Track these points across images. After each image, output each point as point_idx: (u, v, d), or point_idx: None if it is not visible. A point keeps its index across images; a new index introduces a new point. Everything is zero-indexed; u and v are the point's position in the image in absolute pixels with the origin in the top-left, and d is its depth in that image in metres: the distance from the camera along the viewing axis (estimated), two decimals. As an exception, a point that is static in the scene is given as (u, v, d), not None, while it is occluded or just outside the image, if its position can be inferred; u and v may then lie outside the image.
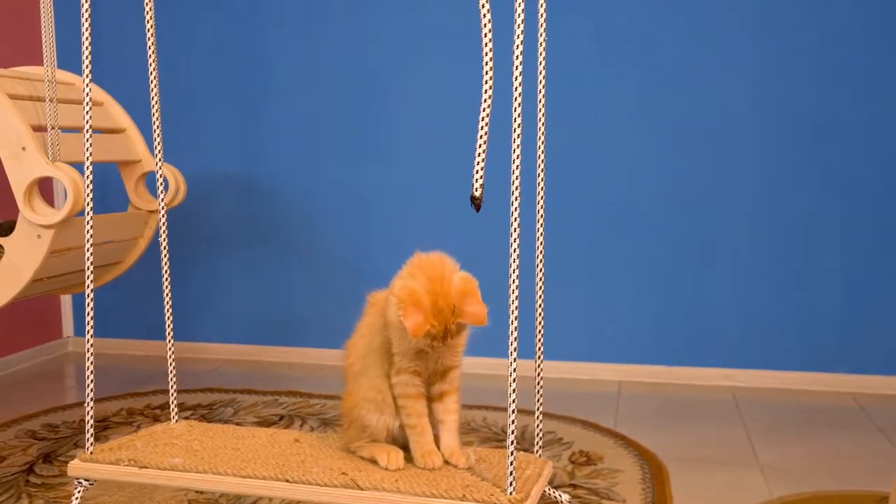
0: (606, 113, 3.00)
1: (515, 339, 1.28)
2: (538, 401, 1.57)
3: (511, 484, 1.33)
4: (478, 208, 1.27)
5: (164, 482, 1.51)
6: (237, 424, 2.10)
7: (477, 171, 1.26)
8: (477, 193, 1.26)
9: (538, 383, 1.56)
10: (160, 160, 1.77)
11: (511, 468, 1.32)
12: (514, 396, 1.30)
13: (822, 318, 2.91)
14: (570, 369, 3.07)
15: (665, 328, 3.02)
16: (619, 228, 3.04)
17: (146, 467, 1.51)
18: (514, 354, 1.29)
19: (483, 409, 2.64)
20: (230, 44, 3.31)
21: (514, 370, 1.30)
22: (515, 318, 1.28)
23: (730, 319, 2.98)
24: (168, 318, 1.78)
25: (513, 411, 1.31)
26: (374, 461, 1.47)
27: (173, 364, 1.79)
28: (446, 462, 1.46)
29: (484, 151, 1.25)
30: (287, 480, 1.42)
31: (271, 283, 3.37)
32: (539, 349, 1.56)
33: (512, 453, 1.32)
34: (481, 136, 1.25)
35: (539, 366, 1.56)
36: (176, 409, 1.80)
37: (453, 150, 3.13)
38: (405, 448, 1.48)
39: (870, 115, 2.82)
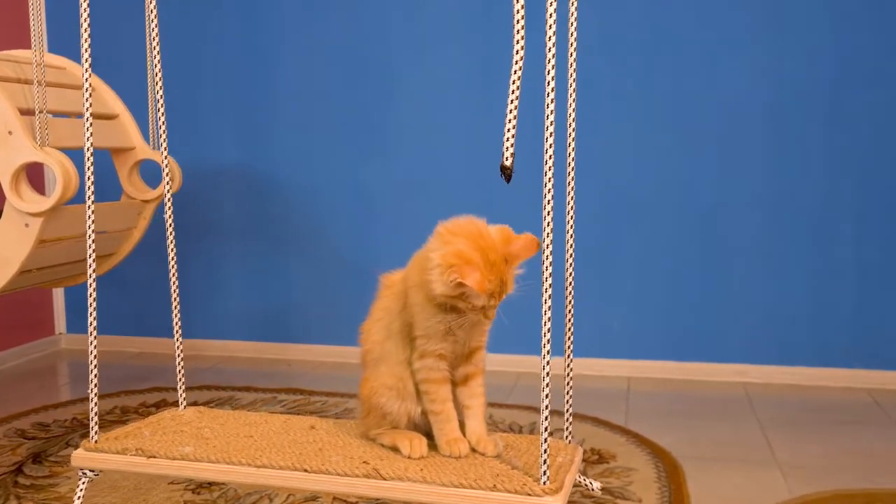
0: (610, 105, 2.92)
1: (549, 318, 1.19)
2: (568, 383, 1.53)
3: (545, 473, 1.24)
4: (508, 178, 1.18)
5: (174, 472, 1.42)
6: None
7: (508, 139, 1.17)
8: (507, 163, 1.17)
9: (568, 370, 1.53)
10: (165, 150, 1.65)
11: (545, 456, 1.24)
12: (547, 381, 1.21)
13: (836, 312, 2.83)
14: (578, 366, 2.98)
15: (674, 323, 2.94)
16: (625, 222, 2.96)
17: (154, 457, 1.43)
18: (548, 336, 1.20)
19: (489, 406, 2.56)
20: (231, 32, 3.22)
21: (548, 351, 1.21)
22: (549, 307, 1.20)
23: (742, 314, 2.90)
24: (175, 303, 1.67)
25: (546, 395, 1.22)
26: (395, 449, 1.40)
27: (180, 345, 1.70)
28: (473, 450, 1.38)
29: (515, 118, 1.16)
30: (305, 470, 1.34)
31: (270, 278, 3.29)
32: (569, 339, 1.54)
33: (545, 440, 1.23)
34: (512, 101, 1.16)
35: (569, 352, 1.53)
36: (184, 395, 1.71)
37: (459, 144, 3.06)
38: (428, 435, 1.41)
39: (883, 103, 2.74)
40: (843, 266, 2.82)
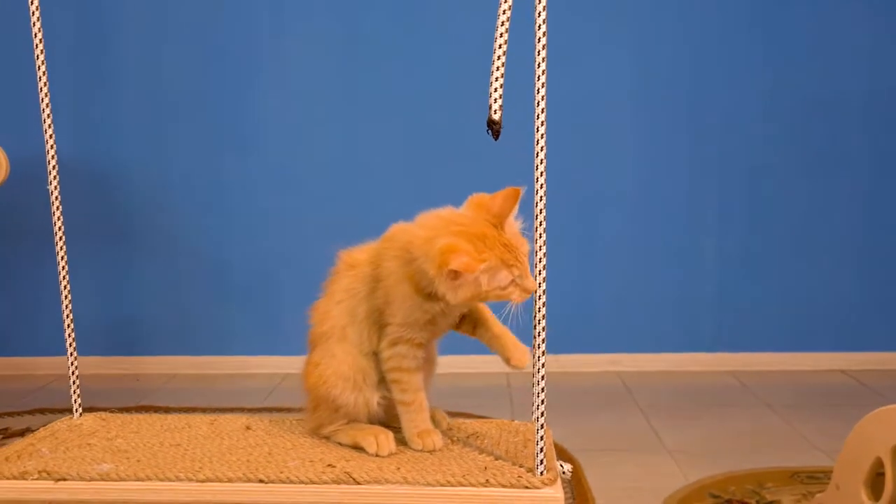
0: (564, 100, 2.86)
1: (543, 316, 1.14)
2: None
3: (542, 462, 1.12)
4: (496, 135, 1.06)
5: (93, 497, 1.15)
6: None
7: (495, 89, 1.04)
8: (496, 117, 1.05)
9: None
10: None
11: (542, 443, 1.12)
12: (541, 356, 1.13)
13: (701, 299, 2.92)
14: (454, 363, 2.89)
15: (550, 316, 2.91)
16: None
17: (65, 479, 1.16)
18: (543, 323, 1.14)
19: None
20: (67, 7, 2.85)
21: (543, 327, 1.14)
22: (543, 304, 1.14)
23: (611, 304, 2.93)
24: (66, 302, 1.40)
25: (542, 378, 1.13)
26: (358, 447, 1.23)
27: (74, 353, 1.48)
28: (458, 440, 1.27)
29: (502, 65, 1.04)
30: (261, 481, 1.13)
31: (114, 284, 2.95)
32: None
33: (542, 426, 1.12)
34: (499, 47, 1.04)
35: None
36: (79, 401, 1.43)
37: (327, 133, 2.88)
38: (388, 428, 1.26)
39: (739, 99, 2.86)
40: (706, 254, 2.91)
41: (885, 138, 2.88)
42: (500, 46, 1.03)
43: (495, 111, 1.06)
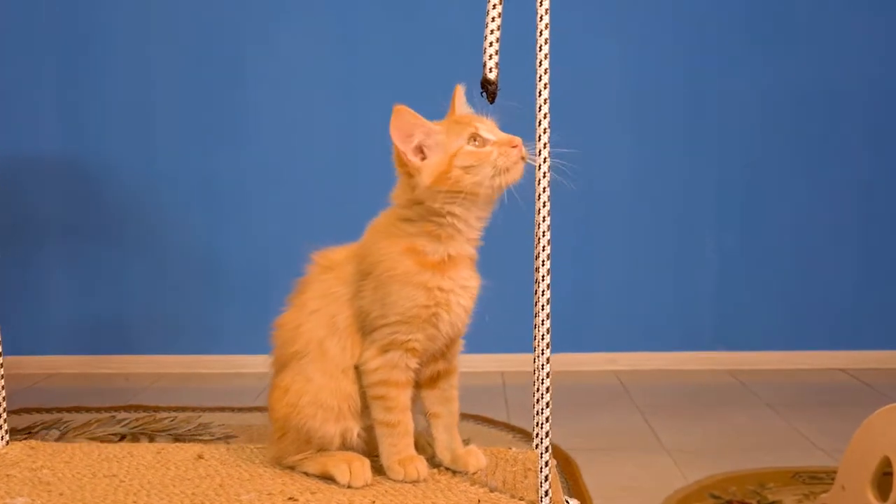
0: (559, 96, 2.82)
1: (547, 315, 1.10)
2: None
3: (546, 494, 1.00)
4: (492, 97, 1.00)
5: None
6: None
7: (490, 44, 0.98)
8: (491, 75, 0.99)
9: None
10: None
11: (546, 471, 1.01)
12: (546, 385, 1.04)
13: (699, 297, 2.88)
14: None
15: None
16: (496, 216, 2.86)
17: None
18: (547, 339, 1.09)
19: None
20: (54, 2, 2.80)
21: (548, 344, 1.08)
22: (547, 300, 1.10)
23: (608, 302, 2.88)
24: None
25: (547, 405, 1.02)
26: (328, 477, 1.09)
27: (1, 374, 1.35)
28: (446, 468, 1.13)
29: (498, 21, 0.98)
30: None
31: (102, 282, 2.90)
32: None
33: (547, 449, 1.00)
34: (493, 8, 0.98)
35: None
36: (6, 428, 1.30)
37: (318, 127, 2.83)
38: (367, 455, 1.12)
39: (738, 95, 2.82)
40: (705, 252, 2.87)
41: (883, 136, 2.84)
42: (494, 7, 0.98)
43: (490, 69, 0.99)
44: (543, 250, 1.06)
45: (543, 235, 1.04)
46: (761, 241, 2.86)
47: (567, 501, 1.13)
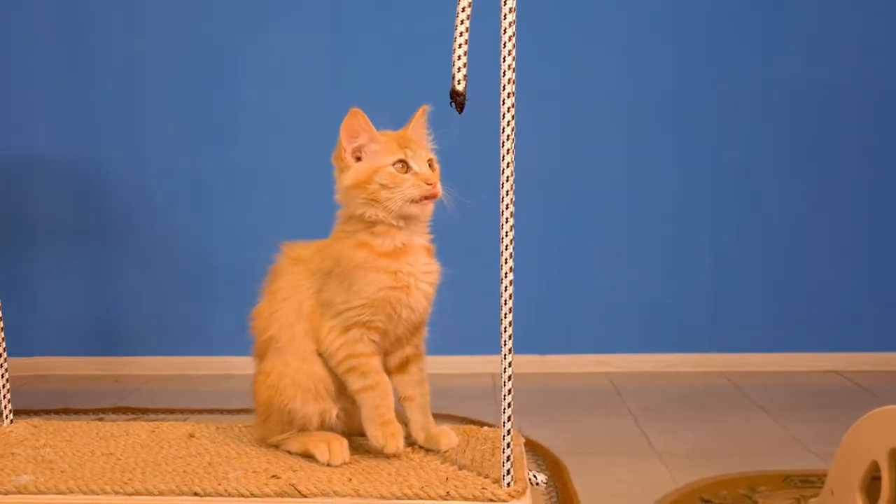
0: (552, 97, 2.80)
1: (510, 310, 1.13)
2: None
3: (508, 472, 1.04)
4: (460, 107, 1.02)
5: None
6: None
7: (459, 57, 0.99)
8: (459, 87, 1.00)
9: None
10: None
11: (508, 451, 1.04)
12: (509, 360, 1.05)
13: (693, 299, 2.86)
14: (440, 363, 2.83)
15: (535, 316, 2.86)
16: (485, 216, 2.84)
17: None
18: (509, 331, 1.09)
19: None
20: (44, 1, 2.78)
21: (510, 336, 1.08)
22: (510, 295, 1.15)
23: (601, 304, 2.86)
24: None
25: (509, 378, 1.04)
26: (308, 456, 1.15)
27: (3, 354, 1.37)
28: (419, 446, 1.19)
29: (465, 41, 0.98)
30: (196, 494, 1.04)
31: (91, 283, 2.88)
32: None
33: (509, 432, 1.03)
34: (462, 10, 1.00)
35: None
36: (10, 408, 1.34)
37: (309, 126, 2.81)
38: (345, 436, 1.18)
39: (736, 100, 2.80)
40: (698, 253, 2.85)
41: (879, 138, 2.83)
42: (462, 9, 0.97)
43: (459, 81, 1.00)
44: (506, 249, 1.14)
45: (507, 235, 1.13)
46: (756, 241, 2.85)
47: (535, 476, 1.15)
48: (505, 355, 1.06)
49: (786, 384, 2.71)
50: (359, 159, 1.15)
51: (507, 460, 1.04)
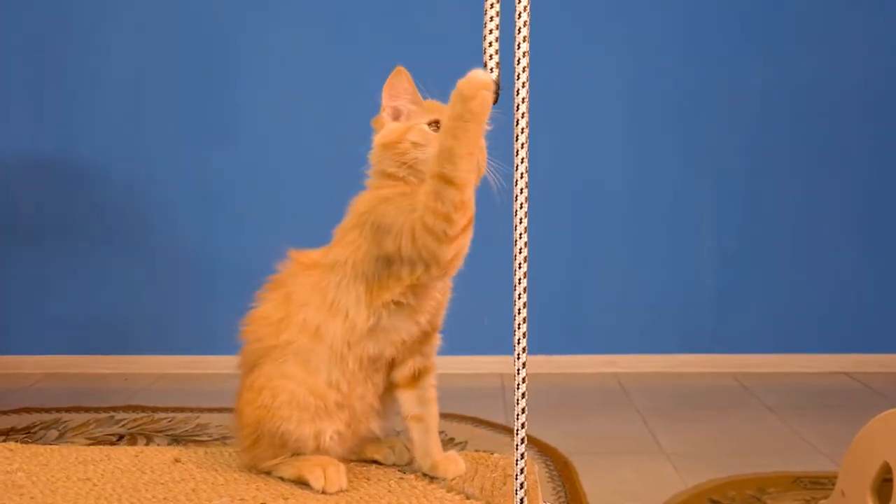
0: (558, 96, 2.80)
1: (524, 319, 1.08)
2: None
3: (521, 501, 0.97)
4: (495, 96, 0.96)
5: None
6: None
7: (489, 44, 0.97)
8: (493, 76, 0.96)
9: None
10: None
11: (521, 478, 0.98)
12: (523, 389, 1.01)
13: (700, 299, 2.86)
14: (449, 364, 2.83)
15: (542, 316, 2.85)
16: (494, 217, 2.84)
17: None
18: (523, 342, 1.07)
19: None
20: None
21: (524, 349, 1.05)
22: (524, 303, 1.08)
23: (607, 304, 2.86)
24: None
25: (522, 410, 0.99)
26: (302, 482, 1.06)
27: None
28: (423, 474, 1.10)
29: (497, 27, 0.97)
30: None
31: (101, 281, 2.89)
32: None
33: (522, 456, 0.97)
34: (491, 7, 0.97)
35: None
36: None
37: (315, 124, 2.82)
38: (342, 460, 1.09)
39: (735, 97, 2.80)
40: (705, 253, 2.85)
41: (884, 137, 2.82)
42: (492, 7, 0.96)
43: (491, 69, 0.97)
44: (521, 252, 1.08)
45: (521, 237, 1.07)
46: (761, 242, 2.84)
47: None
48: (518, 370, 1.02)
49: (794, 385, 2.71)
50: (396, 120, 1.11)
51: (521, 488, 0.98)
